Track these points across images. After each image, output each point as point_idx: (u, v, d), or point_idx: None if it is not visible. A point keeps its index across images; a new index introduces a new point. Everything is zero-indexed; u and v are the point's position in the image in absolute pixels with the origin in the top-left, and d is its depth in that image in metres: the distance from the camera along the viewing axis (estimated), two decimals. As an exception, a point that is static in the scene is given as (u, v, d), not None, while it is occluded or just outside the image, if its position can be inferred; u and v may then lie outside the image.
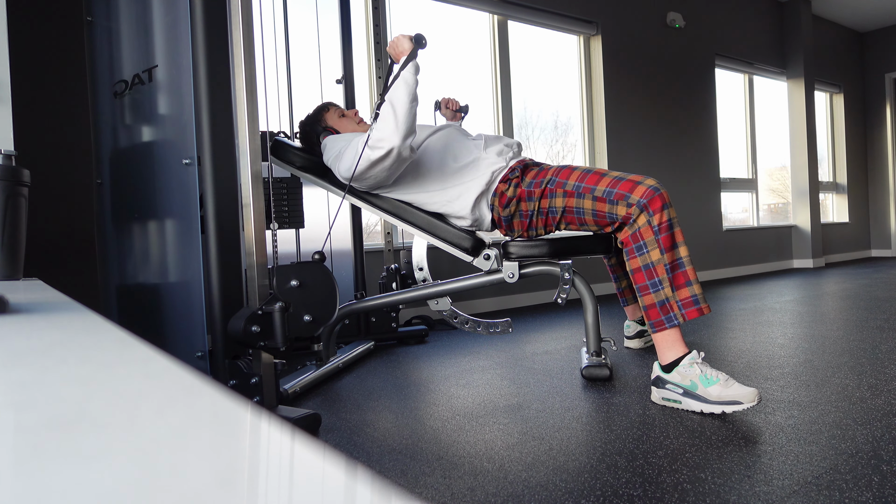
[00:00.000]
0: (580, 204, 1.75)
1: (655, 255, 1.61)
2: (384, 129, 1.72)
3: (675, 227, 1.62)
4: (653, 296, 1.60)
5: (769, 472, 1.14)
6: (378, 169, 1.80)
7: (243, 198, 1.56)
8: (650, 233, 1.62)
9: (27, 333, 0.53)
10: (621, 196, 1.67)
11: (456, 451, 1.33)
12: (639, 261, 1.63)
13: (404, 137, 1.72)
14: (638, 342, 2.35)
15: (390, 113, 1.71)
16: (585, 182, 1.75)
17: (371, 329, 2.64)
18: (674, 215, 1.63)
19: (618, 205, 1.67)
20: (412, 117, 1.73)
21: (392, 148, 1.72)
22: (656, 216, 1.61)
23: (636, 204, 1.63)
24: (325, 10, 2.79)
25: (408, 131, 1.73)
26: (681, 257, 1.61)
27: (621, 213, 1.66)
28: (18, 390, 0.33)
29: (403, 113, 1.71)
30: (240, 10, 1.54)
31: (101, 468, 0.21)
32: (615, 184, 1.70)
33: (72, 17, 2.41)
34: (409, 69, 1.74)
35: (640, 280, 1.63)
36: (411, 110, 1.72)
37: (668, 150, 4.88)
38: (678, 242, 1.62)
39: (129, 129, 1.87)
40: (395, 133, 1.71)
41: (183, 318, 1.69)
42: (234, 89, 1.57)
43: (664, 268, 1.59)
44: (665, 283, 1.59)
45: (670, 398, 1.57)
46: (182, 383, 0.33)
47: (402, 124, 1.71)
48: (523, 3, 3.95)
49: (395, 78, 1.74)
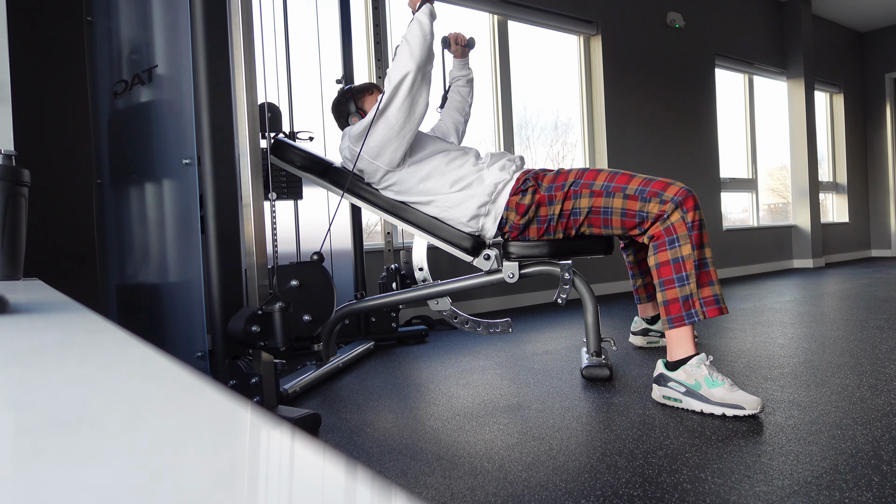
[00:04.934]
0: (609, 203, 1.76)
1: (687, 250, 1.62)
2: (400, 58, 1.81)
3: (704, 228, 1.66)
4: (677, 290, 1.61)
5: (769, 472, 1.14)
6: (393, 109, 1.82)
7: (243, 198, 1.56)
8: (684, 227, 1.63)
9: (27, 333, 0.53)
10: (654, 193, 1.69)
11: (456, 451, 1.33)
12: (669, 254, 1.64)
13: (420, 63, 1.79)
14: (641, 339, 2.34)
15: (405, 46, 1.81)
16: (615, 182, 1.76)
17: (371, 329, 2.64)
18: (703, 217, 1.66)
19: (650, 202, 1.69)
20: (427, 48, 1.81)
21: (408, 72, 1.79)
22: (690, 214, 1.64)
23: (671, 201, 1.66)
24: (325, 10, 2.79)
25: (423, 58, 1.80)
26: (706, 257, 1.64)
27: (654, 210, 1.68)
28: (18, 390, 0.33)
29: (418, 44, 1.79)
30: (240, 10, 1.54)
31: (101, 468, 0.21)
32: (647, 183, 1.72)
33: (72, 17, 2.41)
34: (424, 10, 1.83)
35: (666, 273, 1.64)
36: (425, 42, 1.81)
37: (668, 150, 4.88)
38: (705, 243, 1.65)
39: (129, 130, 1.87)
40: (410, 59, 1.79)
41: (183, 318, 1.69)
42: (234, 89, 1.57)
43: (693, 263, 1.61)
44: (692, 279, 1.60)
45: (671, 396, 1.57)
46: (182, 383, 0.33)
47: (417, 52, 1.79)
48: (523, 3, 3.95)
49: (411, 21, 1.83)
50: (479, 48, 3.91)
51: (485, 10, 3.83)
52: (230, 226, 1.79)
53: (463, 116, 2.34)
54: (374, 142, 1.86)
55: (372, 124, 1.83)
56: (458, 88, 2.34)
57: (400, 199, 1.99)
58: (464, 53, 2.31)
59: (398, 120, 1.82)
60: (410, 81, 1.79)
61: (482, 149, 2.06)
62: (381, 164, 1.91)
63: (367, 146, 1.87)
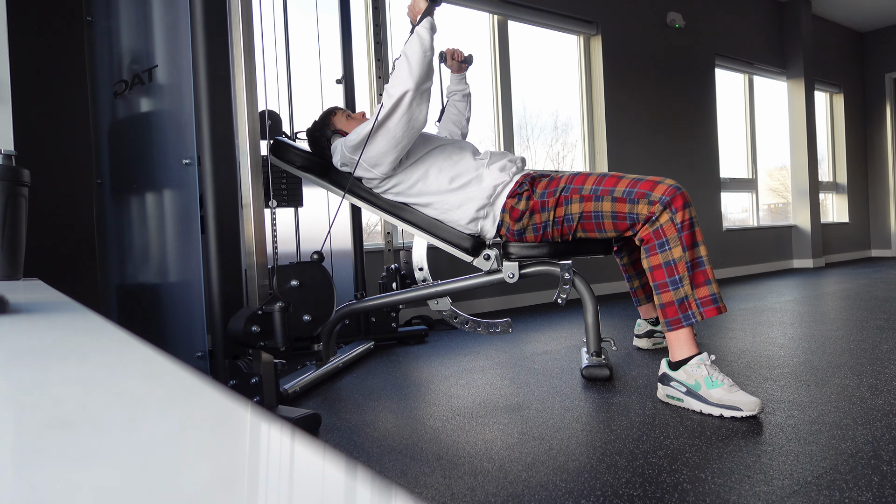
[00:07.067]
0: (599, 207, 1.73)
1: (677, 253, 1.60)
2: (398, 74, 1.75)
3: (696, 225, 1.63)
4: (671, 293, 1.60)
5: (769, 472, 1.14)
6: (393, 121, 1.78)
7: (243, 197, 1.56)
8: (673, 230, 1.61)
9: (27, 333, 0.53)
10: (642, 195, 1.66)
11: (456, 451, 1.33)
12: (660, 258, 1.62)
13: (418, 81, 1.74)
14: (647, 342, 2.33)
15: (404, 62, 1.75)
16: (603, 185, 1.74)
17: (371, 329, 2.64)
18: (694, 214, 1.63)
19: (639, 203, 1.66)
20: (427, 64, 1.75)
21: (406, 90, 1.73)
22: (679, 214, 1.61)
23: (659, 201, 1.63)
24: (325, 10, 2.79)
25: (422, 76, 1.74)
26: (701, 256, 1.61)
27: (643, 212, 1.65)
28: (18, 390, 0.33)
29: (417, 60, 1.73)
30: (240, 10, 1.54)
31: (101, 468, 0.21)
32: (634, 184, 1.69)
33: (72, 17, 2.41)
34: (424, 24, 1.77)
35: (659, 277, 1.62)
36: (425, 58, 1.75)
37: (668, 150, 4.88)
38: (698, 241, 1.62)
39: (129, 130, 1.87)
40: (409, 77, 1.73)
41: (183, 318, 1.69)
42: (234, 89, 1.57)
43: (685, 265, 1.59)
44: (685, 281, 1.59)
45: (673, 395, 1.58)
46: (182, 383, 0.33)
47: (416, 69, 1.73)
48: (523, 3, 3.95)
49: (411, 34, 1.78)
50: (480, 48, 3.91)
51: (485, 10, 3.83)
52: (230, 226, 1.79)
53: (460, 130, 2.34)
54: (372, 152, 1.85)
55: (370, 135, 1.82)
56: (455, 103, 2.34)
57: (399, 199, 1.99)
58: (461, 69, 2.31)
59: (396, 134, 1.81)
60: (409, 100, 1.75)
61: (482, 148, 2.05)
62: (378, 173, 1.91)
63: (365, 156, 1.86)
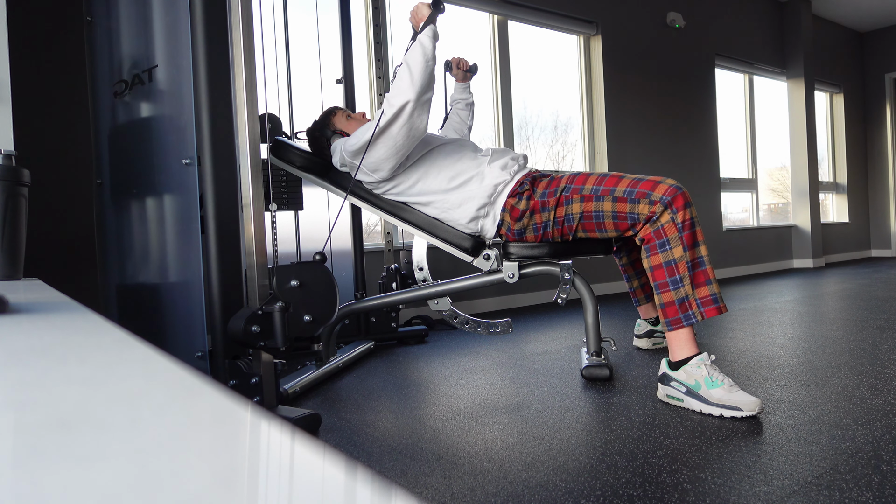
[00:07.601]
0: (599, 207, 1.73)
1: (678, 252, 1.60)
2: (399, 84, 1.74)
3: (697, 225, 1.62)
4: (672, 293, 1.59)
5: (769, 472, 1.14)
6: (393, 130, 1.77)
7: (243, 198, 1.56)
8: (674, 229, 1.61)
9: (27, 333, 0.53)
10: (643, 194, 1.66)
11: (456, 451, 1.33)
12: (661, 257, 1.62)
13: (419, 93, 1.73)
14: (647, 342, 2.33)
15: (405, 71, 1.74)
16: (604, 185, 1.73)
17: (371, 329, 2.64)
18: (695, 214, 1.63)
19: (640, 203, 1.66)
20: (428, 75, 1.74)
21: (407, 101, 1.72)
22: (680, 213, 1.61)
23: (660, 201, 1.63)
24: (325, 10, 2.79)
25: (423, 87, 1.73)
26: (701, 256, 1.61)
27: (643, 212, 1.65)
28: (18, 390, 0.33)
29: (419, 70, 1.72)
30: (240, 10, 1.54)
31: (101, 468, 0.21)
32: (635, 184, 1.69)
33: (72, 17, 2.41)
34: (427, 32, 1.76)
35: (659, 277, 1.62)
36: (427, 68, 1.73)
37: (668, 150, 4.88)
38: (699, 241, 1.61)
39: (129, 129, 1.87)
40: (411, 87, 1.72)
41: (183, 318, 1.69)
42: (234, 89, 1.57)
43: (686, 265, 1.59)
44: (686, 281, 1.58)
45: (673, 395, 1.58)
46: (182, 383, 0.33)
47: (418, 80, 1.72)
48: (523, 3, 3.95)
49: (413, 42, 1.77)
50: (480, 48, 3.91)
51: (485, 10, 3.83)
52: (230, 226, 1.79)
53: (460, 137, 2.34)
54: (372, 158, 1.85)
55: (371, 142, 1.81)
56: (458, 111, 2.35)
57: (400, 199, 1.99)
58: (465, 78, 2.31)
59: (397, 142, 1.80)
60: (410, 110, 1.74)
61: (483, 146, 2.05)
62: (378, 178, 1.91)
63: (365, 161, 1.86)
